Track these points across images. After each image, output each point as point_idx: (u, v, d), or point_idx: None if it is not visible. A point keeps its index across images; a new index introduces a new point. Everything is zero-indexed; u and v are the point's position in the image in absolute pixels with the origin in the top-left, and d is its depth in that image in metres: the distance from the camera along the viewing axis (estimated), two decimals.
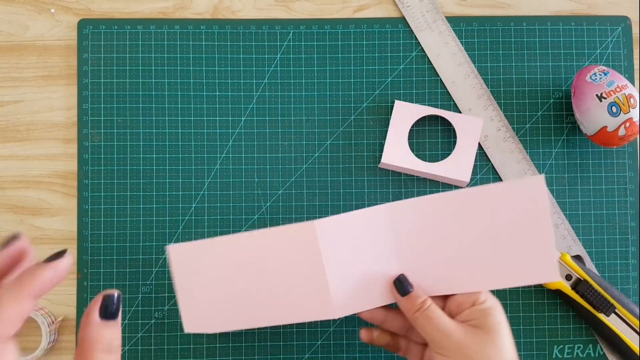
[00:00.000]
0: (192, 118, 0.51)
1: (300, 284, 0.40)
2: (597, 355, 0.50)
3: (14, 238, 0.30)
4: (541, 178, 0.38)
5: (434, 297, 0.41)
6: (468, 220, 0.40)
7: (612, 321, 0.47)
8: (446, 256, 0.40)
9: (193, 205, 0.50)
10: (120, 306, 0.30)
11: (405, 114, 0.50)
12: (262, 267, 0.41)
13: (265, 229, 0.41)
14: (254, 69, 0.51)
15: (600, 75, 0.47)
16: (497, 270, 0.40)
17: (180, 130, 0.51)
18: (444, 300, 0.41)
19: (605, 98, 0.47)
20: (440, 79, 0.52)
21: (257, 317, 0.42)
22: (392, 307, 0.44)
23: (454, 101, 0.51)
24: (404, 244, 0.41)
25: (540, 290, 0.50)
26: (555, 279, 0.39)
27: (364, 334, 0.44)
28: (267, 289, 0.41)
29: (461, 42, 0.52)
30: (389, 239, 0.41)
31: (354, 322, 0.50)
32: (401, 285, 0.40)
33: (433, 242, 0.40)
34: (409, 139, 0.51)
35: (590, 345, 0.50)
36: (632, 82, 0.52)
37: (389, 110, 0.51)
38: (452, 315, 0.40)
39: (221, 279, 0.43)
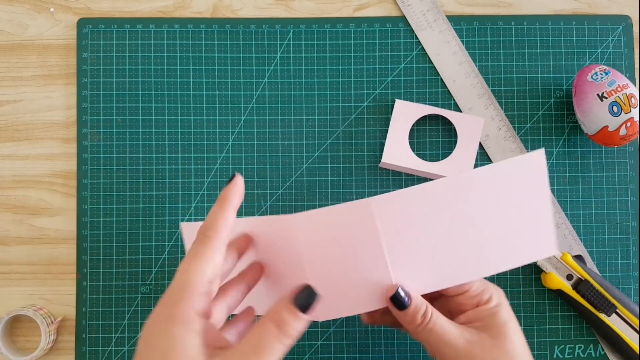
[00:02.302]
0: (192, 117, 0.51)
1: (282, 278, 0.38)
2: (598, 355, 0.50)
3: (233, 177, 0.35)
4: (541, 152, 0.35)
5: (432, 295, 0.37)
6: (462, 206, 0.36)
7: (613, 321, 0.47)
8: (443, 247, 0.36)
9: (193, 205, 0.50)
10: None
11: (405, 113, 0.50)
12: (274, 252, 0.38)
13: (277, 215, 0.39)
14: (253, 68, 0.51)
15: (601, 74, 0.47)
16: (496, 254, 0.36)
17: (179, 130, 0.51)
18: (444, 299, 0.39)
19: (606, 97, 0.46)
20: (441, 78, 0.51)
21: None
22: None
23: (454, 100, 0.51)
24: (394, 240, 0.35)
25: (541, 290, 0.50)
26: (556, 253, 0.40)
27: (364, 317, 0.42)
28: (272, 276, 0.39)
29: (462, 41, 0.52)
30: (376, 235, 0.35)
31: (354, 322, 0.50)
32: (398, 300, 0.35)
33: (426, 233, 0.36)
34: (409, 139, 0.50)
35: (591, 346, 0.50)
36: (633, 82, 0.52)
37: (389, 110, 0.51)
38: (453, 316, 0.38)
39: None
